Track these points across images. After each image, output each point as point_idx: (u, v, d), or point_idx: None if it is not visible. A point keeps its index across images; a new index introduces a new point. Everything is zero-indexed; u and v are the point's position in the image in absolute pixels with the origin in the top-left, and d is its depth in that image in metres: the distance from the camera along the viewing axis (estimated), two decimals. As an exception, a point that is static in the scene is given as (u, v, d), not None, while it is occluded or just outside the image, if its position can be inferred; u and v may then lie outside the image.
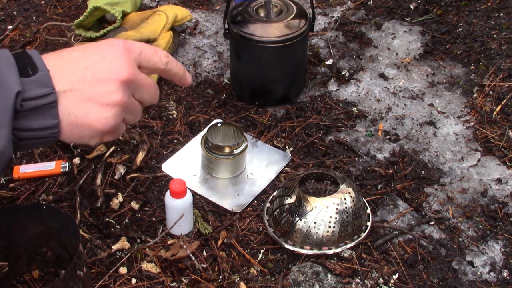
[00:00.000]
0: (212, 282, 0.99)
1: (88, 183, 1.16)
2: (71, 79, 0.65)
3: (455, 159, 1.24)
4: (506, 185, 1.18)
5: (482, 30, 1.59)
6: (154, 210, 1.12)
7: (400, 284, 0.99)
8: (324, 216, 0.97)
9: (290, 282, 0.98)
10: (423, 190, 1.17)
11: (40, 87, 0.62)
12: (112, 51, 0.68)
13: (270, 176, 1.19)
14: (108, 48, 0.69)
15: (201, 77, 1.46)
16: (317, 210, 0.97)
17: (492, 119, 1.33)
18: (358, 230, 1.02)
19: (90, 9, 1.45)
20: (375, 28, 1.62)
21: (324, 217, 0.97)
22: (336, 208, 0.98)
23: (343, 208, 0.98)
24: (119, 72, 0.67)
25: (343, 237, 0.99)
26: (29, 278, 1.00)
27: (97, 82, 0.66)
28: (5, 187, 1.16)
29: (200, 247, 1.05)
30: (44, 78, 0.63)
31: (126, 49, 0.69)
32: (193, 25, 1.64)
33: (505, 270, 1.02)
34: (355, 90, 1.42)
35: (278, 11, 1.30)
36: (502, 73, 1.44)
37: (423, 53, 1.53)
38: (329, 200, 0.98)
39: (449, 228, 1.10)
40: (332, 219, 0.98)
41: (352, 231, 1.00)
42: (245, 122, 1.33)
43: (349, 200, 0.99)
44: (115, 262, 1.02)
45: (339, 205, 0.98)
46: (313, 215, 0.97)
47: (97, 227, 1.08)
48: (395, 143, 1.28)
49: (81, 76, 0.66)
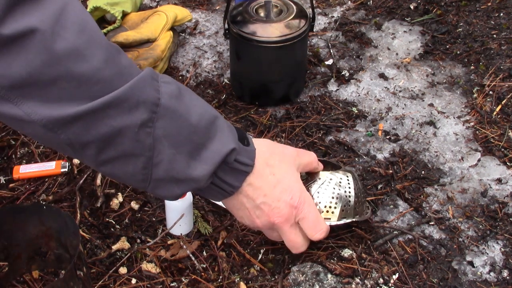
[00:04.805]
0: (212, 282, 0.99)
1: (88, 183, 1.16)
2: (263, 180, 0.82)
3: (455, 159, 1.24)
4: (506, 185, 1.18)
5: (482, 30, 1.59)
6: (154, 210, 1.12)
7: (400, 284, 0.99)
8: (327, 188, 0.96)
9: (290, 282, 0.98)
10: (423, 190, 1.17)
11: (247, 158, 0.78)
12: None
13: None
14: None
15: (201, 77, 1.46)
16: (320, 181, 0.96)
17: (492, 119, 1.33)
18: (359, 209, 1.00)
19: (90, 9, 1.45)
20: (375, 28, 1.62)
21: (327, 189, 0.96)
22: (339, 183, 0.96)
23: (346, 183, 0.97)
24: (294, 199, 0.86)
25: (344, 211, 0.97)
26: (29, 278, 1.00)
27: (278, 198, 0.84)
28: (5, 187, 1.16)
29: (200, 247, 1.05)
30: (252, 153, 0.79)
31: None
32: (193, 25, 1.64)
33: (505, 270, 1.02)
34: (355, 90, 1.42)
35: (278, 11, 1.30)
36: (502, 73, 1.44)
37: (423, 53, 1.53)
38: (333, 174, 0.97)
39: (449, 228, 1.10)
40: (335, 191, 0.96)
41: (353, 208, 0.98)
42: (245, 122, 1.33)
43: (351, 179, 0.98)
44: (115, 262, 1.02)
45: (342, 180, 0.97)
46: (316, 186, 0.96)
47: (97, 227, 1.08)
48: (395, 143, 1.28)
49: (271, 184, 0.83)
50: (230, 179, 0.77)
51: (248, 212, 0.83)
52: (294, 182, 0.85)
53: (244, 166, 0.77)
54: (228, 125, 0.77)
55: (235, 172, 0.77)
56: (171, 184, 0.72)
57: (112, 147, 0.66)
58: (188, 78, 1.46)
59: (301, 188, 0.86)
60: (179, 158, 0.70)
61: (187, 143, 0.70)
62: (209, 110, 0.74)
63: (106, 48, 0.65)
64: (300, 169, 0.89)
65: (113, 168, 0.69)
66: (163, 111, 0.67)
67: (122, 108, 0.64)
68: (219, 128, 0.74)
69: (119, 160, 0.68)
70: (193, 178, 0.72)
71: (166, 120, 0.68)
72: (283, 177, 0.83)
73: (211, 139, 0.73)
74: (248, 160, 0.77)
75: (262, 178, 0.80)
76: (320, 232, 0.89)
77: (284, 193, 0.83)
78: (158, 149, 0.68)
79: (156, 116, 0.67)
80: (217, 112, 0.76)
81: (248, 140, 0.80)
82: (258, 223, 0.84)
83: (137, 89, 0.65)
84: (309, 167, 0.91)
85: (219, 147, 0.73)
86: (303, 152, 0.91)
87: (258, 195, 0.81)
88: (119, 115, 0.64)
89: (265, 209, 0.82)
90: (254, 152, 0.79)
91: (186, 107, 0.70)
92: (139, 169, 0.69)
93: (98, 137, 0.64)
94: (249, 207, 0.82)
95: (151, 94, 0.66)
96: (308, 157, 0.91)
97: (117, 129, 0.65)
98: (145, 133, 0.67)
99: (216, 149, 0.73)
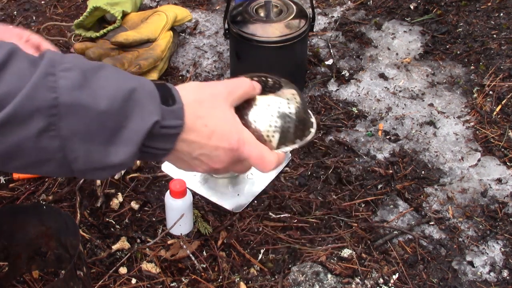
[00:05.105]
0: (212, 282, 0.99)
1: (88, 183, 1.16)
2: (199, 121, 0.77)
3: (455, 159, 1.24)
4: (506, 185, 1.18)
5: (482, 30, 1.59)
6: (154, 210, 1.12)
7: (400, 284, 1.00)
8: (265, 114, 0.89)
9: (290, 282, 0.98)
10: (423, 190, 1.17)
11: (175, 119, 0.73)
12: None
13: (270, 176, 1.19)
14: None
15: (201, 77, 1.46)
16: (257, 108, 0.88)
17: (492, 119, 1.33)
18: (300, 133, 0.93)
19: (90, 9, 1.45)
20: (375, 28, 1.62)
21: (265, 116, 0.88)
22: (278, 108, 0.92)
23: (286, 107, 0.90)
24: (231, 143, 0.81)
25: (284, 138, 0.93)
26: (29, 278, 1.00)
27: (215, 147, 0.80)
28: (5, 187, 1.16)
29: (200, 247, 1.05)
30: (180, 111, 0.73)
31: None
32: (193, 25, 1.64)
33: (505, 270, 1.02)
34: (355, 90, 1.42)
35: (278, 11, 1.30)
36: (502, 73, 1.44)
37: (423, 53, 1.53)
38: (271, 98, 0.90)
39: (449, 228, 1.10)
40: (274, 118, 0.90)
41: (293, 133, 0.94)
42: (245, 122, 1.33)
43: (292, 102, 0.93)
44: (115, 262, 1.02)
45: (281, 104, 0.90)
46: (253, 113, 0.91)
47: (97, 227, 1.08)
48: (395, 143, 1.28)
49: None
50: (160, 145, 0.74)
51: (187, 164, 0.81)
52: (229, 126, 0.81)
53: (173, 129, 0.73)
54: (149, 92, 0.72)
55: (164, 137, 0.74)
56: (97, 171, 0.70)
57: (16, 160, 0.65)
58: (188, 78, 1.46)
59: (238, 130, 0.82)
60: (96, 150, 0.67)
61: (100, 132, 0.67)
62: (123, 86, 0.69)
63: None
64: (235, 103, 0.84)
65: (28, 171, 0.69)
66: (64, 109, 0.64)
67: (14, 123, 0.62)
68: (137, 102, 0.69)
69: (30, 167, 0.67)
70: (116, 164, 0.69)
71: (70, 117, 0.65)
72: (217, 125, 0.79)
73: (129, 117, 0.69)
74: (176, 121, 0.73)
75: (195, 132, 0.77)
76: (268, 166, 0.86)
77: (221, 141, 0.80)
78: (69, 147, 0.66)
79: (56, 117, 0.64)
80: (134, 83, 0.71)
81: (174, 97, 0.74)
82: (200, 170, 0.83)
83: (27, 99, 0.62)
84: (245, 97, 0.86)
85: (139, 125, 0.69)
86: (235, 86, 0.85)
87: (194, 149, 0.78)
88: (12, 131, 0.63)
89: (204, 159, 0.80)
90: (182, 109, 0.74)
91: (92, 95, 0.66)
92: (55, 169, 0.67)
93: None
94: (187, 160, 0.80)
95: (46, 97, 0.63)
96: (241, 89, 0.85)
97: (14, 145, 0.63)
98: (48, 138, 0.64)
99: (136, 127, 0.69)
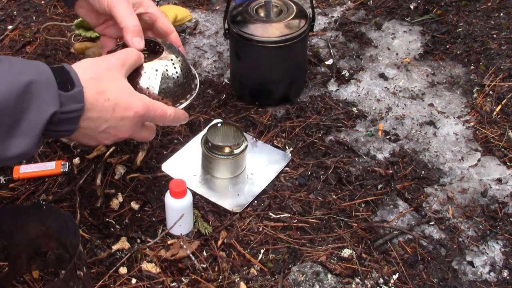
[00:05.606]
0: (212, 282, 0.99)
1: (88, 183, 1.16)
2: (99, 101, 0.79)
3: (455, 159, 1.24)
4: (506, 185, 1.18)
5: (482, 30, 1.59)
6: (154, 210, 1.12)
7: (400, 284, 1.00)
8: (155, 79, 0.93)
9: (290, 282, 0.98)
10: (423, 190, 1.17)
11: (75, 103, 0.74)
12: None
13: (270, 176, 1.19)
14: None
15: (201, 77, 1.46)
16: (147, 75, 0.92)
17: (492, 119, 1.33)
18: (190, 89, 0.98)
19: (90, 9, 1.45)
20: (375, 28, 1.62)
21: (156, 80, 0.93)
22: (166, 70, 0.93)
23: (171, 68, 0.94)
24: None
25: (176, 96, 0.96)
26: (29, 278, 1.00)
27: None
28: (5, 187, 1.16)
29: (200, 247, 1.05)
30: (79, 94, 0.75)
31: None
32: (193, 25, 1.64)
33: (505, 270, 1.02)
34: (355, 90, 1.42)
35: (278, 11, 1.30)
36: (502, 73, 1.44)
37: (423, 53, 1.53)
38: (156, 63, 0.94)
39: (449, 228, 1.10)
40: (164, 80, 0.93)
41: (184, 89, 0.96)
42: (245, 122, 1.33)
43: (176, 62, 0.95)
44: (115, 262, 1.02)
45: (167, 67, 0.94)
46: (144, 80, 0.92)
47: (97, 227, 1.08)
48: (395, 143, 1.28)
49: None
50: (64, 127, 0.76)
51: (93, 139, 0.83)
52: (129, 95, 0.84)
53: (74, 113, 0.75)
54: (47, 81, 0.72)
55: (66, 121, 0.75)
56: (3, 162, 0.72)
57: None
58: (188, 78, 1.46)
59: (139, 97, 0.85)
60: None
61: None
62: (19, 80, 0.70)
63: None
64: (128, 73, 0.88)
65: None
66: None
67: None
68: (35, 94, 0.70)
69: None
70: (19, 155, 0.71)
71: None
72: (118, 97, 0.81)
73: (26, 110, 0.70)
74: (77, 105, 0.75)
75: (98, 108, 0.79)
76: (169, 119, 0.90)
77: (125, 112, 0.82)
78: None
79: None
80: (31, 75, 0.71)
81: (73, 80, 0.75)
82: (107, 142, 0.85)
83: None
84: (135, 66, 0.89)
85: (37, 116, 0.70)
86: (125, 57, 0.87)
87: (99, 124, 0.80)
88: None
89: (111, 131, 0.83)
90: (81, 91, 0.75)
91: None
92: None
93: None
94: (93, 135, 0.82)
95: None
96: (132, 58, 0.88)
97: None
98: None
99: (34, 119, 0.70)
